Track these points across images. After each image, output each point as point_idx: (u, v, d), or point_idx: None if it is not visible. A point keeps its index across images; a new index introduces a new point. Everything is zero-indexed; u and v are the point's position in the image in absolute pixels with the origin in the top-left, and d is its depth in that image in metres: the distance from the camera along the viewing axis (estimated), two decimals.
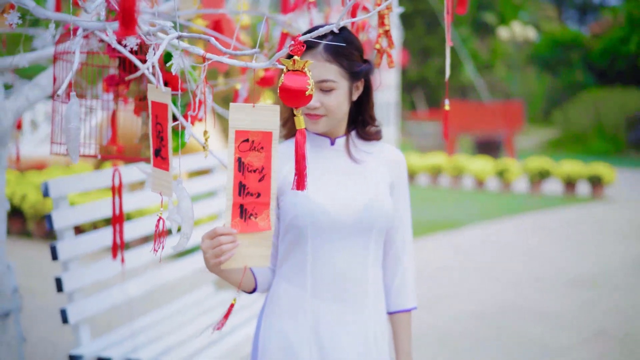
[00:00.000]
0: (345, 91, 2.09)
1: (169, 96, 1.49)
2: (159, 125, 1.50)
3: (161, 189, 1.54)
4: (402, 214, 2.22)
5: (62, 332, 4.87)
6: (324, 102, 2.06)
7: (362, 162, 2.16)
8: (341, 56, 2.06)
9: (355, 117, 2.20)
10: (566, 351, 4.90)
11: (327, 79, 2.05)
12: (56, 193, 2.96)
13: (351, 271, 2.11)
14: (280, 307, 2.15)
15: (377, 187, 2.13)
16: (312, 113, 2.07)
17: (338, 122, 2.12)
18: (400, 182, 2.21)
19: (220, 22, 2.93)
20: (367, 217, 2.09)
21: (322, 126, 2.10)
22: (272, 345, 2.14)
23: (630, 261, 7.77)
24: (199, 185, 4.15)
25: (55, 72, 2.37)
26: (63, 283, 2.98)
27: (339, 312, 2.11)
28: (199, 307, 3.68)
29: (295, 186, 1.74)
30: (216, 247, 1.79)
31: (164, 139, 1.50)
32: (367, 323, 2.13)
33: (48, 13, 2.34)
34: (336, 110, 2.08)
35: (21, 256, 7.00)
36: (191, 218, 1.70)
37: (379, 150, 2.21)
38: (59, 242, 2.99)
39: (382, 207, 2.11)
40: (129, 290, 3.37)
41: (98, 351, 3.02)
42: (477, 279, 6.93)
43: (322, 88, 2.06)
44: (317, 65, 2.05)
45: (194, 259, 3.95)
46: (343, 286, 2.10)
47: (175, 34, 1.77)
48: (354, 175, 2.14)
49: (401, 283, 2.23)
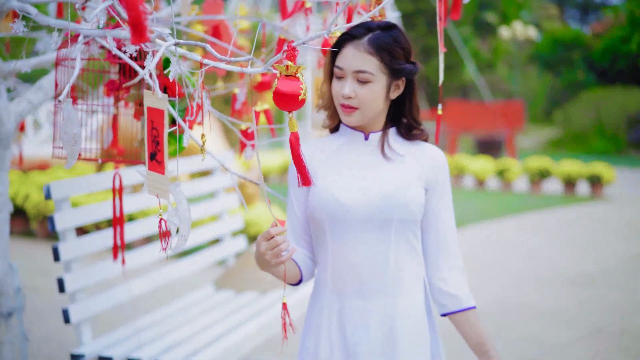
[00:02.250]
0: (382, 86, 2.10)
1: (166, 102, 1.55)
2: (154, 130, 1.56)
3: (157, 191, 1.60)
4: (442, 213, 2.19)
5: (65, 331, 4.93)
6: (358, 93, 2.08)
7: (396, 159, 2.15)
8: (383, 51, 2.08)
9: (397, 118, 2.21)
10: (563, 348, 4.95)
11: (365, 70, 2.07)
12: (58, 195, 3.02)
13: (369, 264, 2.11)
14: (311, 303, 2.24)
15: (401, 180, 2.11)
16: (346, 104, 2.10)
17: (372, 117, 2.14)
18: (439, 182, 2.18)
19: (219, 28, 2.99)
20: (383, 207, 2.09)
21: (355, 119, 2.12)
22: (307, 342, 2.22)
23: (629, 260, 7.82)
24: (200, 187, 4.21)
25: (57, 77, 2.43)
26: (65, 283, 3.04)
27: (360, 307, 2.12)
28: (199, 307, 3.73)
29: (300, 183, 1.84)
30: (275, 248, 1.96)
31: (159, 144, 1.55)
32: (392, 317, 2.12)
33: (50, 20, 2.40)
34: (369, 104, 2.10)
35: (24, 255, 7.07)
36: (189, 219, 1.75)
37: (421, 150, 2.19)
38: (60, 243, 3.05)
39: (401, 198, 2.09)
40: (130, 290, 3.43)
41: (99, 350, 3.08)
42: (476, 278, 6.98)
43: (358, 79, 2.08)
44: (357, 55, 2.08)
45: (194, 259, 4.01)
46: (361, 280, 2.11)
47: (173, 41, 1.83)
48: (380, 170, 2.14)
49: (445, 283, 2.18)
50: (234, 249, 4.36)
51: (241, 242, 4.46)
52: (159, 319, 3.55)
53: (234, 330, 3.38)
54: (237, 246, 4.40)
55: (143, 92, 1.61)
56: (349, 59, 2.09)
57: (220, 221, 4.35)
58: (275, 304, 3.81)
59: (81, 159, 2.56)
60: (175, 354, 3.07)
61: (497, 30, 26.24)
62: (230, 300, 3.88)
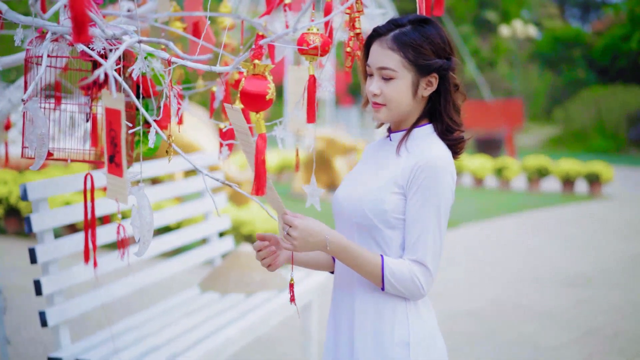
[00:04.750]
0: (407, 83, 2.05)
1: (123, 103, 1.49)
2: (112, 131, 1.50)
3: (116, 195, 1.54)
4: (412, 214, 2.03)
5: (50, 334, 4.88)
6: (383, 90, 2.06)
7: (400, 160, 2.08)
8: (407, 47, 2.04)
9: (436, 117, 2.12)
10: (557, 349, 4.89)
11: (386, 66, 2.04)
12: (34, 196, 2.96)
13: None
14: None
15: (377, 183, 2.07)
16: (373, 101, 2.09)
17: (401, 114, 2.09)
18: (413, 187, 2.03)
19: (198, 25, 2.93)
20: (347, 209, 2.11)
21: (383, 115, 2.10)
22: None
23: (627, 259, 7.76)
24: (190, 186, 4.16)
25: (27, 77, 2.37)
26: (42, 286, 2.98)
27: (350, 303, 2.13)
28: (183, 309, 3.67)
29: (253, 191, 1.77)
30: (262, 260, 2.12)
31: (117, 145, 1.49)
32: (378, 316, 2.09)
33: (19, 17, 2.35)
34: (395, 101, 2.06)
35: (17, 255, 7.00)
36: (150, 224, 1.69)
37: (420, 151, 2.07)
38: (38, 245, 2.98)
39: (357, 203, 2.07)
40: (112, 291, 3.38)
41: (77, 354, 3.01)
42: (474, 277, 6.93)
43: (382, 76, 2.06)
44: (380, 52, 2.06)
45: (180, 260, 3.95)
46: (351, 277, 2.13)
47: (136, 38, 1.77)
48: (375, 171, 2.13)
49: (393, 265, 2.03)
50: (220, 250, 4.31)
51: (228, 242, 4.41)
52: (140, 321, 3.49)
53: (215, 333, 3.32)
54: (224, 247, 4.34)
55: (102, 92, 1.56)
56: (373, 56, 2.08)
57: (206, 221, 4.29)
58: (261, 306, 3.75)
59: (75, 161, 2.53)
60: (155, 358, 3.00)
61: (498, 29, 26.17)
62: (215, 302, 3.81)
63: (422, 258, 2.02)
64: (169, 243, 3.87)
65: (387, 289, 2.04)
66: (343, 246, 2.02)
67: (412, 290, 2.03)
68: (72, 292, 3.95)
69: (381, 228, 2.05)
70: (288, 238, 1.99)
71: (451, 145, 2.12)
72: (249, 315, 3.58)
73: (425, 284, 2.03)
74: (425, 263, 2.02)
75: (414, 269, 2.01)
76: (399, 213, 2.05)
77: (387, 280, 2.02)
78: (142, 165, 2.05)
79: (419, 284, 2.02)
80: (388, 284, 2.02)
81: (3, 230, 8.33)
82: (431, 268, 2.03)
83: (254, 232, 6.94)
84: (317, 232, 1.99)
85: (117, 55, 1.56)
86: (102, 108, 2.64)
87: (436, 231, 2.03)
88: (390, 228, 2.06)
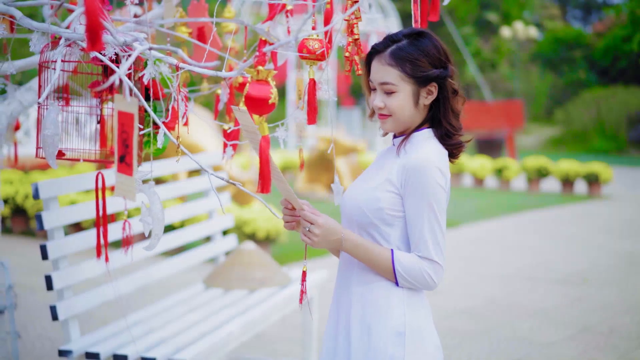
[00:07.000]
0: (407, 95, 2.19)
1: (136, 106, 1.60)
2: (124, 133, 1.61)
3: (125, 193, 1.64)
4: (409, 214, 2.17)
5: (58, 329, 4.99)
6: (386, 104, 2.20)
7: (397, 159, 2.22)
8: (404, 61, 2.17)
9: (438, 122, 2.24)
10: (551, 346, 5.00)
11: (387, 81, 2.18)
12: (46, 194, 3.07)
13: (343, 257, 2.29)
14: None
15: (375, 183, 2.22)
16: (379, 113, 2.23)
17: (406, 122, 2.23)
18: (407, 189, 2.17)
19: (204, 29, 3.04)
20: (347, 207, 2.25)
21: (390, 126, 2.24)
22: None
23: (625, 259, 7.86)
24: (194, 185, 4.27)
25: (41, 80, 2.48)
26: (53, 281, 3.09)
27: (348, 295, 2.26)
28: (188, 305, 3.79)
29: (259, 188, 1.89)
30: (285, 216, 2.19)
31: (129, 147, 1.60)
32: (373, 307, 2.20)
33: (33, 23, 2.46)
34: (399, 112, 2.20)
35: (24, 254, 7.13)
36: (162, 220, 1.80)
37: (413, 152, 2.20)
38: (49, 242, 3.10)
39: (354, 202, 2.23)
40: (119, 287, 3.49)
41: (86, 347, 3.13)
42: (473, 277, 7.03)
43: (384, 90, 2.20)
44: (380, 69, 2.20)
45: (185, 257, 4.06)
46: (350, 270, 2.26)
47: (147, 45, 1.88)
48: (376, 172, 2.26)
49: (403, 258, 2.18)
50: (224, 248, 4.42)
51: (232, 240, 4.52)
52: (146, 316, 3.60)
53: (219, 328, 3.43)
54: (227, 245, 4.45)
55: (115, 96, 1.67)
56: (374, 73, 2.22)
57: (210, 220, 4.40)
58: (263, 302, 3.86)
59: (84, 160, 2.63)
60: (160, 351, 3.12)
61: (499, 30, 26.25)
62: (219, 298, 3.93)
63: (426, 254, 2.16)
64: (173, 241, 3.98)
65: (400, 282, 2.18)
66: (356, 244, 2.17)
67: (423, 283, 2.18)
68: (81, 287, 4.07)
69: (378, 225, 2.20)
70: (309, 234, 2.12)
71: (449, 149, 2.26)
72: (251, 311, 3.69)
73: (435, 276, 2.17)
74: (431, 257, 2.16)
75: (422, 263, 2.16)
76: (393, 210, 2.19)
77: (399, 274, 2.16)
78: (148, 166, 2.17)
79: (429, 277, 2.17)
80: (400, 277, 2.17)
81: (9, 230, 8.45)
82: (438, 260, 2.17)
83: (256, 231, 7.08)
84: (336, 230, 2.15)
85: (130, 62, 1.68)
86: (112, 110, 2.75)
87: (434, 226, 2.16)
88: (388, 225, 2.20)
